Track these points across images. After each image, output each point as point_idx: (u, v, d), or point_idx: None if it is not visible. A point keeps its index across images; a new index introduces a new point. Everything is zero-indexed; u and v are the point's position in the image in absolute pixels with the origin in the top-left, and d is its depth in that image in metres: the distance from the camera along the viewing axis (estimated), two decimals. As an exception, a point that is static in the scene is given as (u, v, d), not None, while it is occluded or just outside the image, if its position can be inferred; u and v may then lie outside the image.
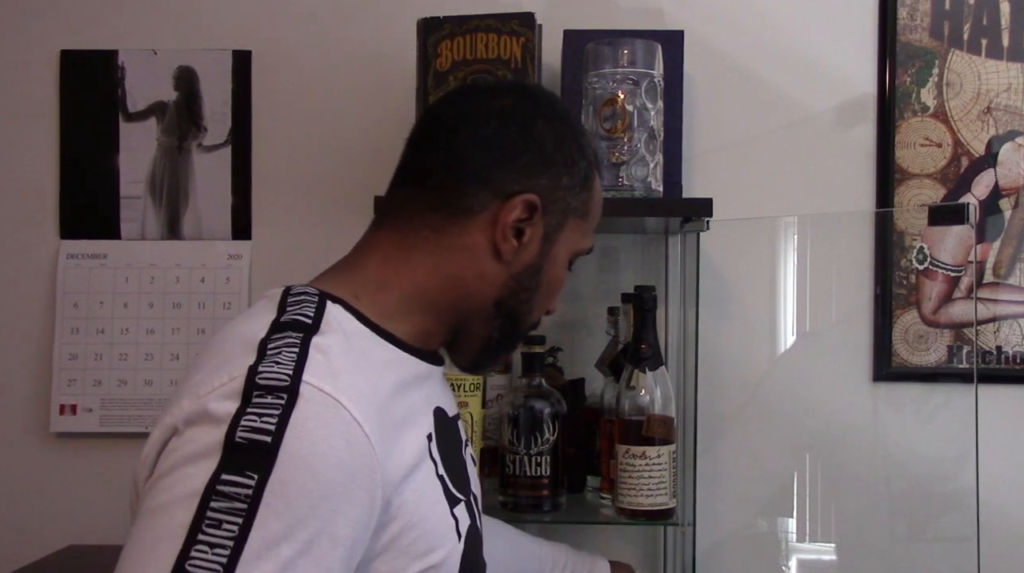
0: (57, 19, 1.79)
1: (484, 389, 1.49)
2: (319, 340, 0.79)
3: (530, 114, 0.94)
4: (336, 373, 0.77)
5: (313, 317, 0.83)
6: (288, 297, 0.86)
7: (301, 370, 0.75)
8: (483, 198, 0.91)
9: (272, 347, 0.78)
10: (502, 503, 1.47)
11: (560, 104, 0.99)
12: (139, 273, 1.76)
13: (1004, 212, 1.67)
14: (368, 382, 0.80)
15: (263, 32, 1.77)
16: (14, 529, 1.76)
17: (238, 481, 0.70)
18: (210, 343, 0.86)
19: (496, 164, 0.91)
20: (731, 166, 1.71)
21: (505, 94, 0.96)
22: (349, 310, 0.87)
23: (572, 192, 0.95)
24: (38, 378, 1.77)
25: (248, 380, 0.74)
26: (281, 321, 0.81)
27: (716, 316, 1.66)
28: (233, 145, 1.77)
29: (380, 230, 0.95)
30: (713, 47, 1.71)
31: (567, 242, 0.97)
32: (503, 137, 0.92)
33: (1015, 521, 1.65)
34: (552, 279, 0.97)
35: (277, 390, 0.73)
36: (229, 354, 0.79)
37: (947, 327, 1.67)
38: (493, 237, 0.91)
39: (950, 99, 1.68)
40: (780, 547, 1.67)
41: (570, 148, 0.95)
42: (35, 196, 1.78)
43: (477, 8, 1.50)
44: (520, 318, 0.97)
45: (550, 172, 0.93)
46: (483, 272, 0.92)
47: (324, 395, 0.74)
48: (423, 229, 0.91)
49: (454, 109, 0.96)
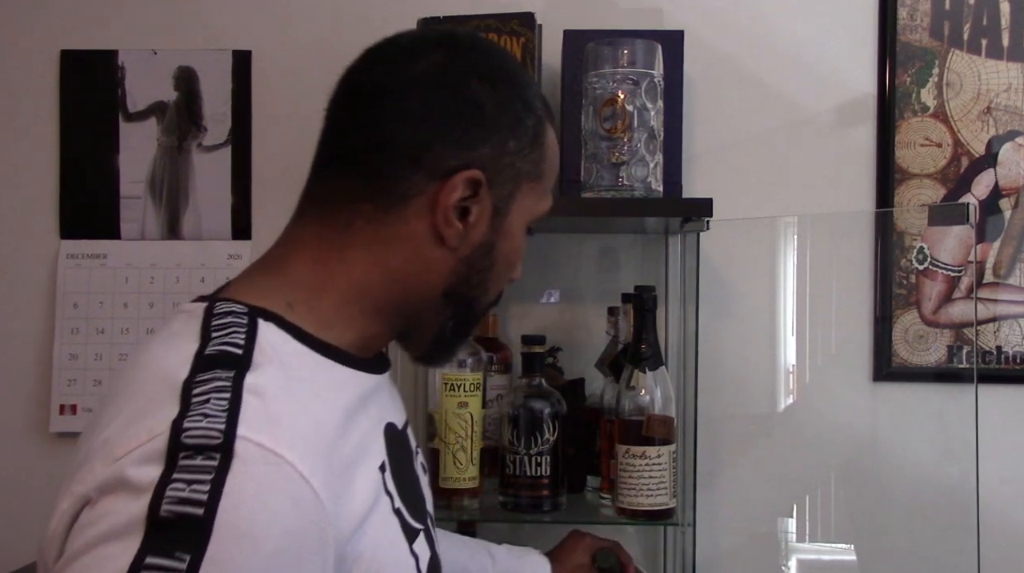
0: (57, 19, 1.79)
1: (484, 389, 1.49)
2: (253, 380, 0.68)
3: (462, 72, 0.81)
4: (276, 420, 0.67)
5: (244, 346, 0.71)
6: (212, 317, 0.74)
7: (235, 422, 0.64)
8: (417, 181, 0.79)
9: (198, 393, 0.66)
10: (502, 503, 1.47)
11: (497, 53, 0.87)
12: (139, 273, 1.76)
13: (1004, 212, 1.67)
14: (313, 421, 0.71)
15: (263, 32, 1.77)
16: (14, 529, 1.75)
17: (166, 565, 0.59)
18: (123, 377, 0.74)
19: (428, 139, 0.79)
20: (731, 166, 1.71)
21: (430, 50, 0.82)
22: (283, 326, 0.76)
23: (521, 155, 0.83)
24: (38, 378, 1.77)
25: (172, 439, 0.63)
26: (206, 354, 0.70)
27: (716, 316, 1.66)
28: (233, 145, 1.77)
29: (306, 223, 0.83)
30: (713, 47, 1.71)
31: (521, 210, 0.85)
32: (433, 106, 0.79)
33: (1015, 521, 1.65)
34: (508, 252, 0.86)
35: (207, 450, 0.62)
36: (147, 400, 0.68)
37: (947, 327, 1.67)
38: (434, 223, 0.80)
39: (950, 99, 1.68)
40: (780, 547, 1.67)
41: (513, 106, 0.82)
42: (35, 196, 1.78)
43: (477, 8, 1.50)
44: (474, 302, 0.87)
45: (493, 139, 0.81)
46: (428, 262, 0.81)
47: (264, 451, 0.64)
48: (355, 221, 0.80)
49: (373, 76, 0.82)
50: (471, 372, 1.45)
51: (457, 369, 1.45)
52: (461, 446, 1.44)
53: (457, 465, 1.44)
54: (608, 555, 1.30)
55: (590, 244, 1.73)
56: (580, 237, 1.73)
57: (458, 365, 1.45)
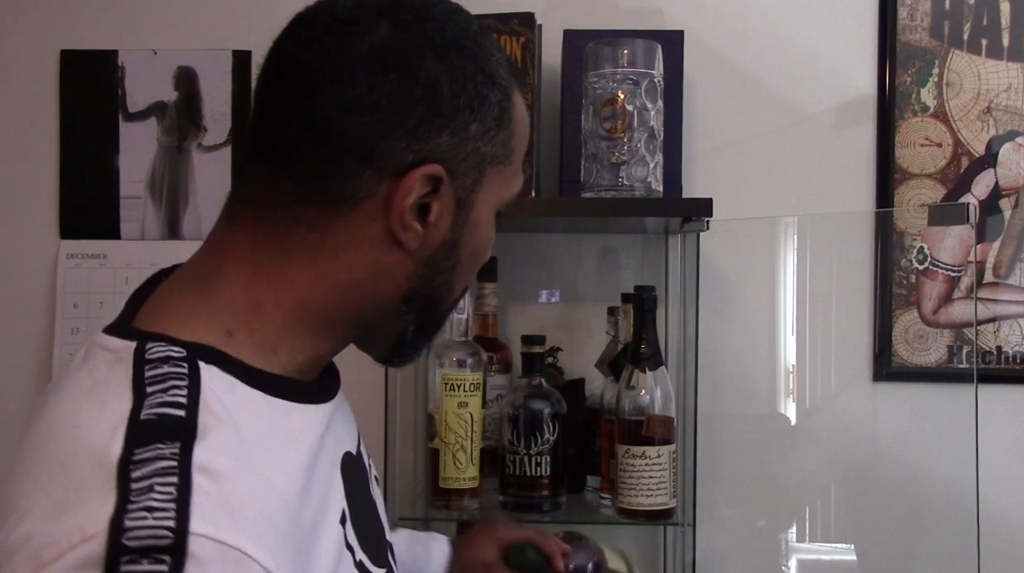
0: (57, 19, 1.79)
1: (484, 389, 1.49)
2: (202, 455, 0.57)
3: (413, 48, 0.68)
4: (234, 507, 0.57)
5: (187, 405, 0.60)
6: (145, 364, 0.62)
7: (186, 515, 0.54)
8: (367, 180, 0.68)
9: (137, 478, 0.55)
10: (502, 503, 1.47)
11: (454, 19, 0.72)
12: (139, 273, 1.74)
13: (1004, 212, 1.67)
14: (275, 496, 0.61)
15: (263, 32, 1.75)
16: (14, 529, 1.76)
17: None
18: (38, 433, 0.62)
19: (377, 131, 0.67)
20: (731, 166, 1.71)
21: (374, 22, 0.69)
22: (227, 366, 0.65)
23: (486, 139, 0.71)
24: (38, 378, 1.77)
25: (111, 542, 0.53)
26: (143, 420, 0.58)
27: (716, 316, 1.66)
28: (233, 145, 1.76)
29: (237, 227, 0.71)
30: (713, 47, 1.71)
31: (488, 198, 0.74)
32: (381, 92, 0.67)
33: (1015, 521, 1.65)
34: (475, 246, 0.76)
35: (155, 552, 0.52)
36: (74, 484, 0.56)
37: (947, 327, 1.67)
38: (388, 226, 0.69)
39: (950, 99, 1.68)
40: (780, 547, 1.67)
41: (475, 83, 0.70)
42: (35, 196, 1.78)
43: (477, 8, 1.49)
44: (438, 303, 0.76)
45: (452, 125, 0.69)
46: (382, 268, 0.71)
47: (223, 548, 0.54)
48: (296, 227, 0.69)
49: (310, 56, 0.69)
50: (471, 372, 1.45)
51: (457, 369, 1.45)
52: (461, 446, 1.44)
53: (457, 465, 1.44)
54: (522, 550, 1.07)
55: (590, 244, 1.73)
56: (580, 237, 1.73)
57: (458, 365, 1.45)
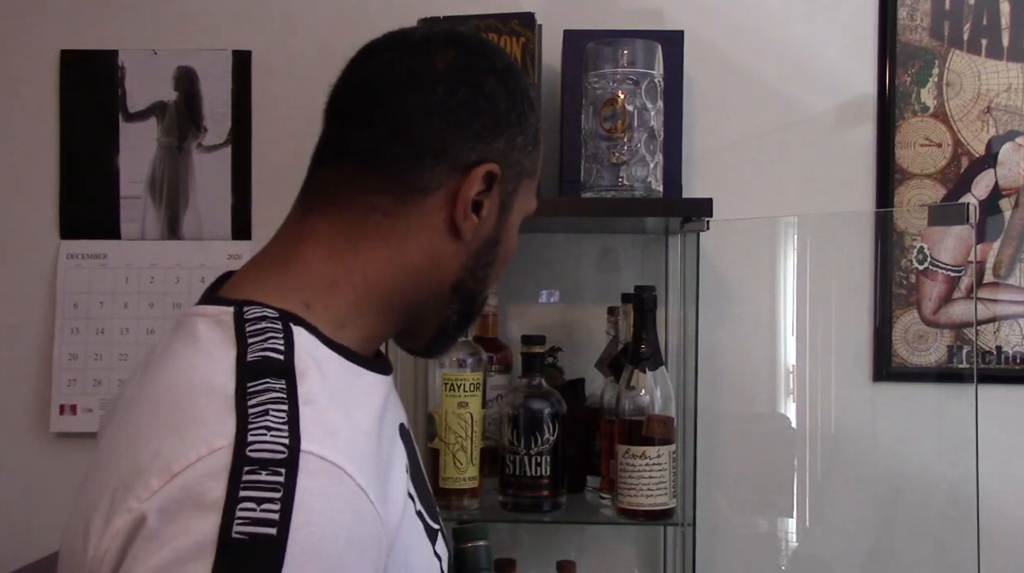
0: (57, 19, 1.79)
1: (484, 389, 1.49)
2: (305, 388, 0.67)
3: (479, 70, 0.83)
4: (333, 431, 0.66)
5: (284, 352, 0.69)
6: (244, 322, 0.72)
7: (297, 434, 0.63)
8: (440, 173, 0.80)
9: (254, 404, 0.65)
10: (502, 503, 1.47)
11: (503, 53, 0.89)
12: (139, 273, 1.76)
13: (1004, 212, 1.67)
14: (358, 430, 0.70)
15: (263, 32, 1.77)
16: (14, 529, 1.75)
17: None
18: (147, 388, 0.72)
19: (451, 133, 0.80)
20: (731, 166, 1.71)
21: (445, 47, 0.83)
22: (309, 329, 0.74)
23: (526, 152, 0.85)
24: (38, 378, 1.77)
25: (236, 453, 0.62)
26: (249, 361, 0.68)
27: (716, 316, 1.66)
28: (233, 145, 1.76)
29: (314, 217, 0.82)
30: (713, 47, 1.71)
31: (520, 207, 0.87)
32: (455, 101, 0.80)
33: (1015, 521, 1.65)
34: (507, 250, 0.88)
35: (273, 465, 0.62)
36: (194, 412, 0.65)
37: (947, 327, 1.67)
38: (451, 215, 0.80)
39: (950, 99, 1.68)
40: (780, 547, 1.67)
41: (522, 104, 0.85)
42: (35, 196, 1.78)
43: (477, 8, 1.50)
44: (477, 296, 0.88)
45: (506, 134, 0.83)
46: (441, 255, 0.82)
47: (327, 464, 0.64)
48: (372, 214, 0.79)
49: (389, 71, 0.82)
50: (471, 372, 1.45)
51: (457, 369, 1.45)
52: (461, 446, 1.44)
53: (457, 465, 1.44)
54: None
55: (590, 244, 1.73)
56: (580, 237, 1.73)
57: (458, 365, 1.45)
